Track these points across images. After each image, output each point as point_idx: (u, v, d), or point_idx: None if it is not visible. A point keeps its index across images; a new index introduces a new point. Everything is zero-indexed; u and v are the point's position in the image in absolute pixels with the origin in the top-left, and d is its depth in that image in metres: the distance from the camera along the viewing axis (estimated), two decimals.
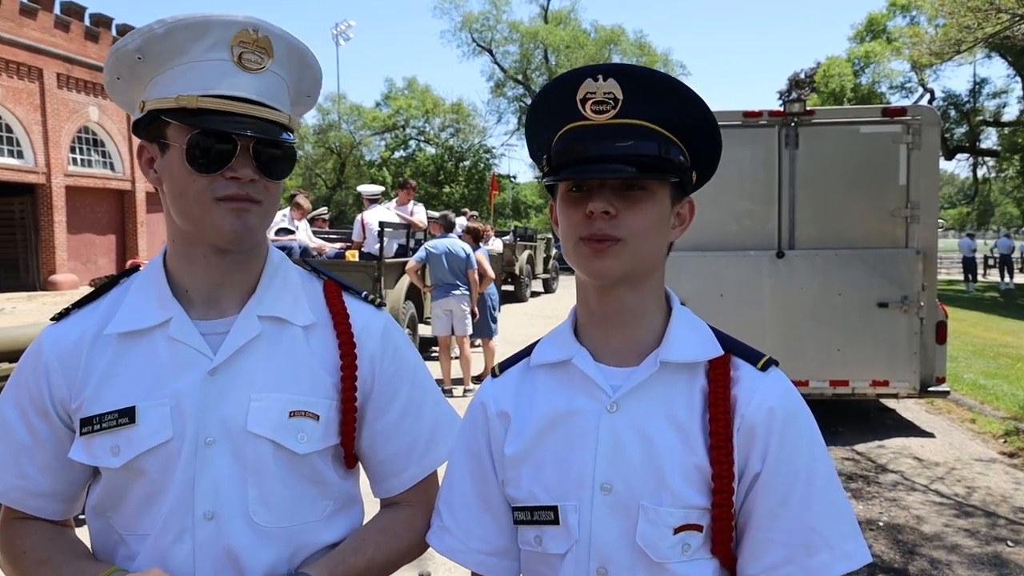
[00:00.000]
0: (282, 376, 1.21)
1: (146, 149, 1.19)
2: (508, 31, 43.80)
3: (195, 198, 1.13)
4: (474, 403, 1.30)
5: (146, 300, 1.22)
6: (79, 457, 1.18)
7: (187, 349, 1.18)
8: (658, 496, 1.10)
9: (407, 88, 48.11)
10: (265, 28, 1.16)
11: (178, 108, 1.11)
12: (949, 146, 31.07)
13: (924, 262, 6.40)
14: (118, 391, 1.18)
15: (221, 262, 1.20)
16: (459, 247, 8.65)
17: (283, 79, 1.19)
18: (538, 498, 1.16)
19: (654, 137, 1.09)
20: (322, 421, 1.22)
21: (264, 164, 1.15)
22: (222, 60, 1.12)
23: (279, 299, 1.25)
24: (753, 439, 1.10)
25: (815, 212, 6.56)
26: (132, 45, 1.13)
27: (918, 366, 6.44)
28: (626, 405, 1.13)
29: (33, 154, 22.83)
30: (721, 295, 6.51)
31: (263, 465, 1.18)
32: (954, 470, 5.92)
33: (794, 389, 1.16)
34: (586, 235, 1.09)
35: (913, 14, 30.45)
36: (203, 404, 1.17)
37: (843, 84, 32.89)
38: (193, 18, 1.12)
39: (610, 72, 1.08)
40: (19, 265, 24.08)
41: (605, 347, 1.18)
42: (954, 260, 38.72)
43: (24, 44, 22.33)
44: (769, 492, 1.09)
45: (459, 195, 44.23)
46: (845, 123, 6.63)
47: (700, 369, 1.15)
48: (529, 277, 19.85)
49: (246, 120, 1.12)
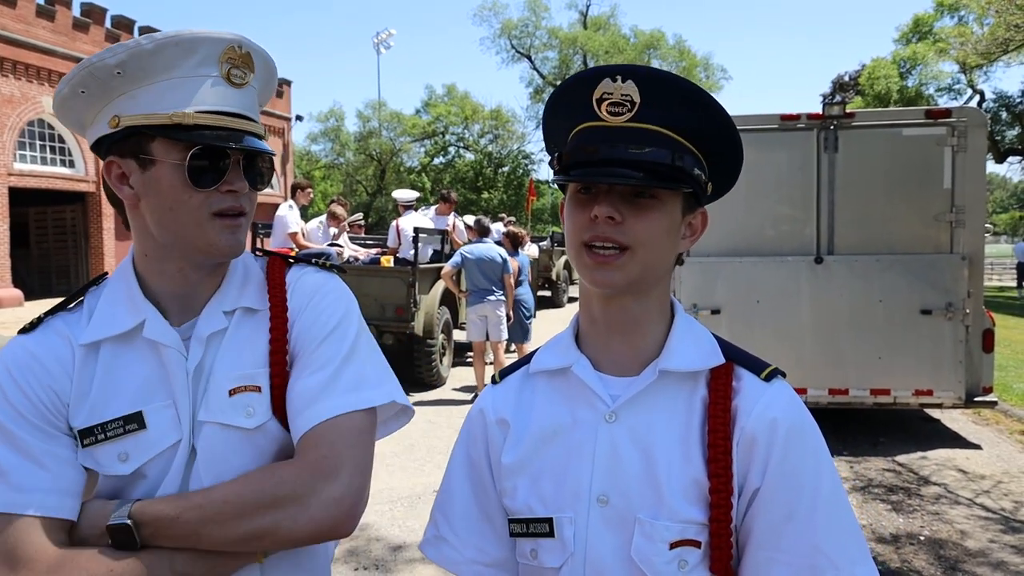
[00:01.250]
0: (236, 360, 1.21)
1: (117, 164, 1.17)
2: (547, 37, 43.87)
3: (190, 213, 1.14)
4: (473, 410, 1.28)
5: (118, 306, 1.22)
6: (88, 464, 1.17)
7: (169, 350, 1.19)
8: (655, 509, 1.06)
9: (447, 95, 48.45)
10: (248, 44, 1.19)
11: (172, 124, 1.12)
12: (1000, 149, 30.20)
13: (970, 268, 6.22)
14: (118, 398, 1.17)
15: (197, 275, 1.22)
16: (494, 252, 8.65)
17: (256, 90, 1.23)
18: (534, 510, 1.13)
19: (668, 144, 1.06)
20: (265, 391, 1.20)
21: (252, 175, 1.19)
22: (212, 76, 1.14)
23: (241, 292, 1.26)
24: (753, 452, 1.06)
25: (855, 217, 6.41)
26: (113, 60, 1.12)
27: (964, 375, 6.25)
28: (625, 415, 1.10)
29: (84, 163, 23.51)
30: (758, 301, 6.39)
31: (215, 450, 1.17)
32: (1001, 483, 5.73)
33: (799, 400, 1.11)
34: (588, 239, 1.07)
35: (961, 14, 29.70)
36: (190, 404, 1.18)
37: (889, 86, 32.21)
38: (182, 35, 1.13)
39: (629, 73, 1.05)
40: (70, 271, 24.83)
41: (606, 356, 1.15)
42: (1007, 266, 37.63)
43: (77, 57, 23.02)
44: (770, 507, 1.04)
45: (497, 201, 44.36)
46: (887, 126, 6.48)
47: (701, 379, 1.12)
48: (566, 283, 19.79)
49: (236, 134, 1.15)
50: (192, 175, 1.13)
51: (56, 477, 1.12)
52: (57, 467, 1.13)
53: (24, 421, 1.14)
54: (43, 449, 1.13)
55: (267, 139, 1.27)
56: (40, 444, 1.13)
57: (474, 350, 8.90)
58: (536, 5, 43.35)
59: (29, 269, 24.44)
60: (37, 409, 1.15)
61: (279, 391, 1.20)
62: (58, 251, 25.10)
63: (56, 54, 22.29)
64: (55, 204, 24.62)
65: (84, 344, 1.20)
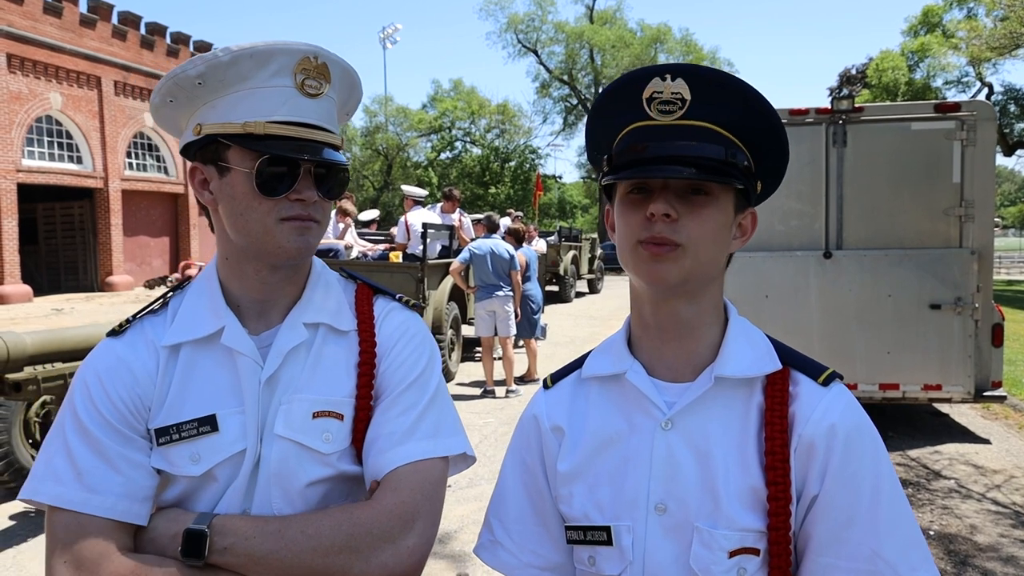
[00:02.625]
0: (315, 379, 1.23)
1: (200, 170, 1.22)
2: (554, 32, 43.80)
3: (259, 219, 1.17)
4: (526, 415, 1.27)
5: (201, 310, 1.25)
6: (160, 465, 1.19)
7: (244, 359, 1.21)
8: (713, 518, 1.05)
9: (453, 90, 48.43)
10: (324, 55, 1.19)
11: (244, 134, 1.14)
12: (1009, 142, 30.03)
13: (979, 262, 6.20)
14: (193, 400, 1.20)
15: (273, 278, 1.24)
16: (503, 248, 8.67)
17: (335, 102, 1.24)
18: (591, 518, 1.13)
19: (720, 140, 1.05)
20: (347, 421, 1.22)
21: (323, 185, 1.20)
22: (285, 87, 1.16)
23: (323, 306, 1.28)
24: (812, 458, 1.04)
25: (864, 211, 6.40)
26: (194, 71, 1.16)
27: (973, 370, 6.24)
28: (681, 423, 1.09)
29: (92, 159, 23.60)
30: (767, 296, 6.39)
31: (287, 466, 1.19)
32: (1013, 478, 5.72)
33: (857, 404, 1.10)
34: (645, 238, 1.05)
35: (971, 6, 29.53)
36: (261, 414, 1.20)
37: (897, 78, 32.04)
38: (258, 46, 1.15)
39: (679, 72, 1.05)
40: (78, 267, 24.94)
41: (660, 361, 1.14)
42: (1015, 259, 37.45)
43: (84, 54, 23.08)
44: (830, 513, 1.03)
45: (504, 196, 44.32)
46: (895, 120, 6.45)
47: (757, 384, 1.10)
48: (574, 277, 19.78)
49: (308, 144, 1.16)
50: (261, 183, 1.15)
51: (128, 481, 1.15)
52: (130, 471, 1.16)
53: (105, 424, 1.17)
54: (119, 453, 1.16)
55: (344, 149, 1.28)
56: (117, 448, 1.16)
57: (482, 345, 8.93)
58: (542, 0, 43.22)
59: (38, 265, 24.56)
60: (119, 412, 1.18)
61: (361, 424, 1.23)
62: (66, 247, 25.19)
63: (63, 50, 22.36)
64: (63, 200, 24.71)
65: (166, 346, 1.23)
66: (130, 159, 25.49)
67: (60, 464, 1.15)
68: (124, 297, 22.34)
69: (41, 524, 4.84)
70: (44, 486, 1.14)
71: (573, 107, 46.69)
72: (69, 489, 1.13)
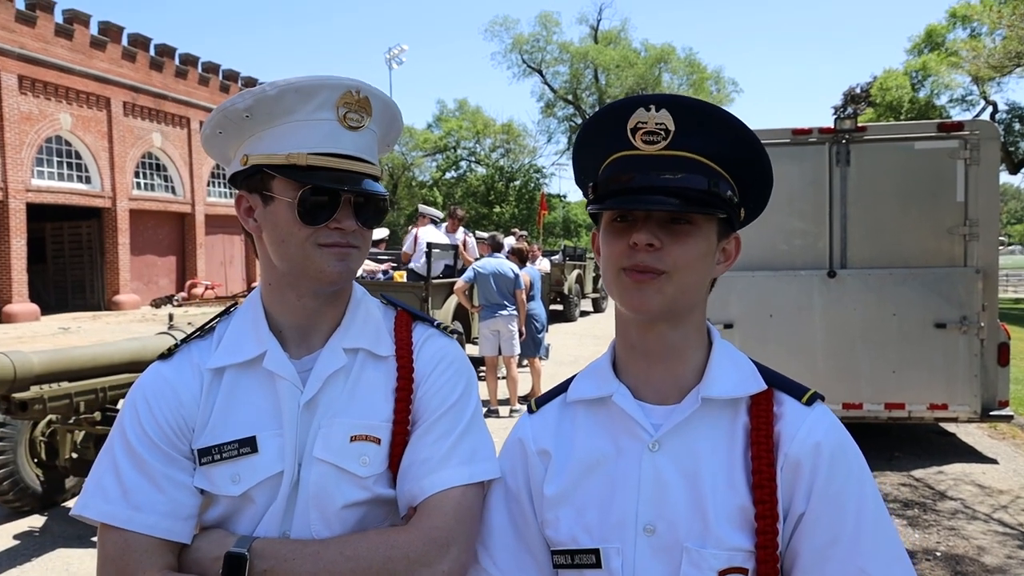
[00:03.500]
0: (353, 403, 1.26)
1: (246, 199, 1.27)
2: (558, 52, 44.07)
3: (299, 244, 1.20)
4: (511, 440, 1.28)
5: (245, 335, 1.29)
6: (202, 485, 1.23)
7: (285, 382, 1.25)
8: (702, 538, 1.06)
9: (458, 109, 48.71)
10: (366, 89, 1.24)
11: (288, 165, 1.19)
12: (1014, 160, 30.02)
13: (984, 281, 6.19)
14: (235, 422, 1.24)
15: (314, 303, 1.27)
16: (507, 267, 8.69)
17: (376, 134, 1.28)
18: (579, 541, 1.13)
19: (703, 171, 1.07)
20: (383, 445, 1.25)
21: (362, 214, 1.23)
22: (328, 120, 1.20)
23: (362, 331, 1.31)
24: (798, 476, 1.06)
25: (868, 230, 6.40)
26: (242, 104, 1.21)
27: (979, 389, 6.21)
28: (668, 444, 1.11)
29: (100, 179, 23.78)
30: (771, 316, 6.39)
31: (325, 489, 1.22)
32: (1019, 498, 5.68)
33: (840, 424, 1.12)
34: (628, 266, 1.08)
35: (974, 25, 29.64)
36: (299, 437, 1.23)
37: (900, 97, 32.13)
38: (303, 81, 1.19)
39: (663, 103, 1.07)
40: (85, 286, 25.06)
41: (646, 384, 1.16)
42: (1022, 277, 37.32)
43: (94, 75, 23.34)
44: (815, 532, 1.05)
45: (509, 215, 44.45)
46: (899, 139, 6.48)
47: (742, 405, 1.12)
48: (578, 296, 19.78)
49: (349, 175, 1.20)
50: (302, 212, 1.19)
51: (171, 501, 1.19)
52: (174, 491, 1.20)
53: (151, 444, 1.21)
54: (163, 473, 1.20)
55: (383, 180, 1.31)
56: (162, 468, 1.21)
57: (487, 365, 8.92)
58: (547, 20, 43.59)
59: (45, 284, 24.69)
60: (164, 434, 1.23)
61: (398, 448, 1.25)
62: (74, 266, 25.34)
63: (74, 72, 22.61)
64: (71, 219, 24.89)
65: (210, 369, 1.27)
66: (138, 179, 25.69)
67: (109, 482, 1.20)
68: (131, 316, 22.42)
69: (45, 544, 4.86)
70: (93, 502, 1.19)
71: (577, 126, 46.78)
72: (116, 507, 1.17)
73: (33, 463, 5.30)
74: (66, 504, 5.52)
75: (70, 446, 5.19)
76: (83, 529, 5.01)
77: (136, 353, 5.27)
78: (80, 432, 5.18)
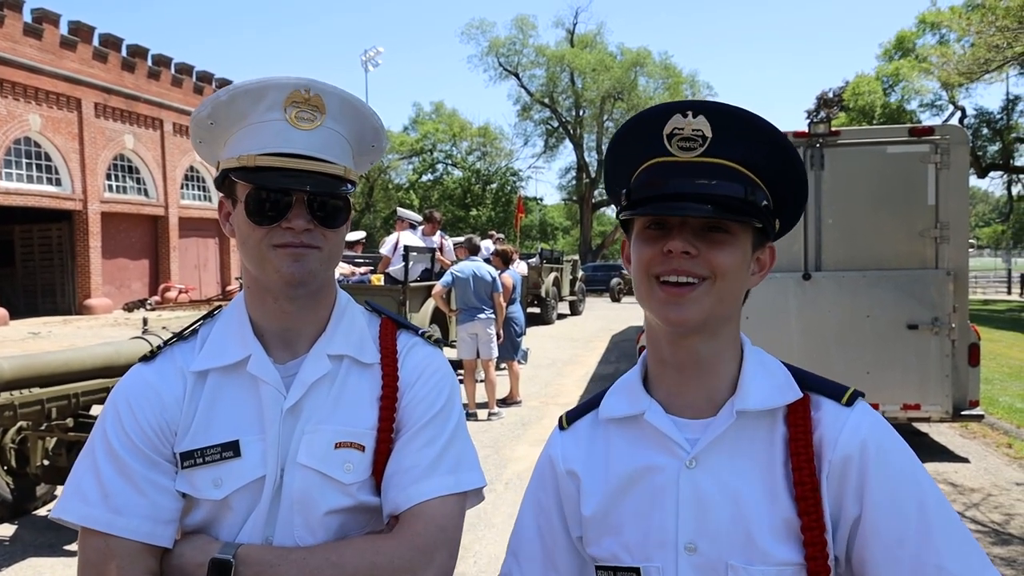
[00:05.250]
0: (338, 410, 1.26)
1: (224, 204, 1.28)
2: (534, 55, 44.20)
3: (255, 246, 1.21)
4: (543, 457, 1.27)
5: (228, 338, 1.28)
6: (184, 488, 1.22)
7: (268, 387, 1.24)
8: (747, 555, 1.04)
9: (434, 112, 48.66)
10: (317, 87, 1.22)
11: (240, 167, 1.19)
12: (982, 164, 30.61)
13: (955, 283, 6.29)
14: (218, 426, 1.23)
15: (291, 307, 1.26)
16: (484, 270, 8.68)
17: (339, 133, 1.25)
18: (620, 559, 1.12)
19: (740, 179, 1.05)
20: (367, 452, 1.25)
21: (319, 214, 1.21)
22: (277, 120, 1.20)
23: (347, 338, 1.30)
24: (845, 480, 1.04)
25: (842, 233, 6.49)
26: (204, 112, 1.23)
27: (950, 389, 6.31)
28: (706, 460, 1.08)
29: (71, 181, 23.42)
30: (747, 318, 6.42)
31: (309, 495, 1.22)
32: (991, 496, 5.78)
33: (883, 420, 1.09)
34: (661, 272, 1.05)
35: (943, 32, 30.18)
36: (282, 442, 1.23)
37: (872, 102, 32.63)
38: (251, 84, 1.20)
39: (700, 109, 1.05)
40: (56, 289, 24.65)
41: (678, 398, 1.13)
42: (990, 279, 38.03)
43: (64, 75, 22.99)
44: (879, 534, 1.01)
45: (486, 218, 44.46)
46: (871, 143, 6.57)
47: (779, 415, 1.09)
48: (556, 299, 19.82)
49: (301, 174, 1.18)
50: (251, 213, 1.19)
51: (152, 504, 1.18)
52: (155, 495, 1.19)
53: (133, 447, 1.20)
54: (144, 476, 1.19)
55: (357, 177, 1.30)
56: (143, 471, 1.20)
57: (464, 368, 8.91)
58: (523, 23, 43.73)
59: (14, 288, 24.25)
60: (146, 436, 1.22)
61: (382, 456, 1.25)
62: (44, 269, 24.91)
63: (43, 72, 22.26)
64: (41, 222, 24.47)
65: (194, 372, 1.26)
66: (110, 181, 25.34)
67: (88, 485, 1.18)
68: (103, 320, 22.09)
69: (16, 553, 4.76)
70: (72, 505, 1.17)
71: (554, 130, 47.01)
72: (96, 510, 1.16)
73: (2, 471, 5.20)
74: (37, 512, 5.43)
75: (41, 453, 5.09)
76: (55, 537, 4.93)
77: (109, 358, 5.19)
78: (52, 439, 5.08)
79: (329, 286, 1.32)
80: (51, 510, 1.21)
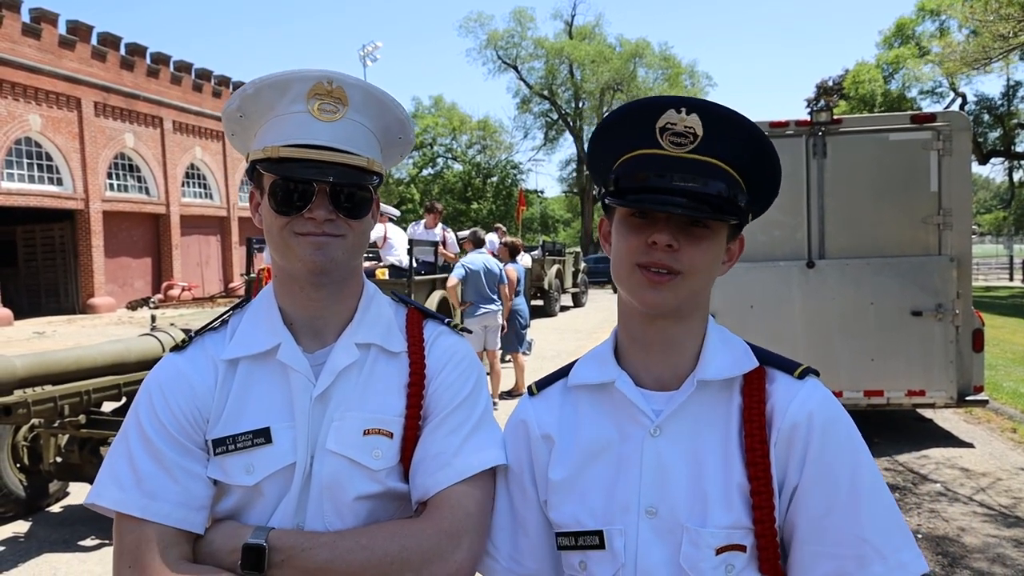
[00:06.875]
0: (366, 398, 1.28)
1: (254, 195, 1.31)
2: (533, 48, 44.09)
3: (278, 234, 1.24)
4: (514, 422, 1.31)
5: (258, 327, 1.31)
6: (215, 475, 1.24)
7: (297, 375, 1.27)
8: (701, 517, 1.10)
9: (434, 106, 48.58)
10: (339, 79, 1.24)
11: (265, 158, 1.22)
12: (983, 150, 30.56)
13: (958, 269, 6.31)
14: (249, 413, 1.26)
15: (317, 295, 1.29)
16: (493, 263, 8.76)
17: (364, 125, 1.27)
18: (583, 523, 1.17)
19: (724, 178, 1.10)
20: (395, 439, 1.27)
21: (341, 204, 1.23)
22: (301, 112, 1.22)
23: (374, 327, 1.33)
24: (791, 449, 1.09)
25: (845, 221, 6.51)
26: (233, 105, 1.27)
27: (955, 375, 6.34)
28: (668, 429, 1.14)
29: (72, 181, 23.43)
30: (751, 307, 6.47)
31: (338, 481, 1.24)
32: (999, 480, 5.81)
33: (832, 396, 1.15)
34: (644, 262, 1.11)
35: (943, 19, 30.09)
36: (311, 429, 1.25)
37: (873, 90, 32.55)
38: (275, 76, 1.23)
39: (694, 107, 1.09)
40: (59, 289, 24.68)
41: (646, 371, 1.20)
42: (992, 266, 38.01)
43: (63, 75, 22.97)
44: (811, 502, 1.08)
45: (487, 211, 44.43)
46: (873, 131, 6.58)
47: (737, 385, 1.16)
48: (558, 291, 19.84)
49: (323, 165, 1.20)
50: (275, 203, 1.23)
51: (185, 491, 1.21)
52: (187, 481, 1.22)
53: (166, 434, 1.23)
54: (177, 463, 1.22)
55: (383, 169, 1.32)
56: (176, 457, 1.22)
57: None
58: (521, 16, 43.59)
59: (18, 288, 24.27)
60: (179, 423, 1.24)
61: (410, 443, 1.28)
62: (47, 269, 24.94)
63: (43, 72, 22.25)
64: (43, 222, 24.49)
65: (224, 360, 1.29)
66: (111, 180, 25.35)
67: (122, 470, 1.21)
68: (106, 319, 22.14)
69: (31, 550, 4.81)
70: (106, 491, 1.20)
71: (554, 122, 46.95)
72: (129, 495, 1.19)
73: (16, 468, 5.24)
74: (51, 509, 5.47)
75: (54, 450, 5.13)
76: (69, 534, 4.97)
77: (120, 355, 5.22)
78: (64, 436, 5.13)
79: (356, 276, 1.35)
80: (86, 497, 1.23)
